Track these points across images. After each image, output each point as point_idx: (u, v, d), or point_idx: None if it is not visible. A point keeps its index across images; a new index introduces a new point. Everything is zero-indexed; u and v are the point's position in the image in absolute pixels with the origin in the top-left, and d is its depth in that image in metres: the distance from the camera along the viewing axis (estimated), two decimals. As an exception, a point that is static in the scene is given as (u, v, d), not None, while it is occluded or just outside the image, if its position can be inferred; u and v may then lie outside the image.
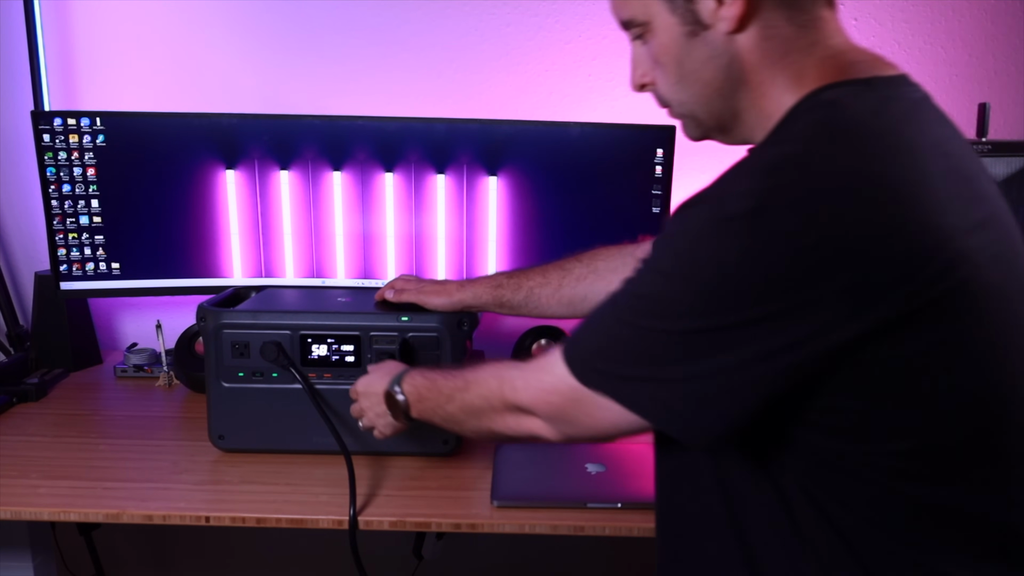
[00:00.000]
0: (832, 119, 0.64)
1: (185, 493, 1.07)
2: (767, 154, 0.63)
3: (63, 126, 1.38)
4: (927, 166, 0.62)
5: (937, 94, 1.50)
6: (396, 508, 1.04)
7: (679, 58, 0.72)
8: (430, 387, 0.92)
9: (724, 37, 0.69)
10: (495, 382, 0.81)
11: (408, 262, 1.49)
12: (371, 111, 1.48)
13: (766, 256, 0.58)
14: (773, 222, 0.58)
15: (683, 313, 0.63)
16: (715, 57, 0.71)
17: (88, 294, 1.49)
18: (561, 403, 0.74)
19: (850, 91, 0.66)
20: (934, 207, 0.60)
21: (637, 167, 1.40)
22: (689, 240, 0.63)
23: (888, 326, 0.59)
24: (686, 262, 0.63)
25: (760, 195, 0.59)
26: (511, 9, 1.57)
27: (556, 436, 0.77)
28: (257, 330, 1.14)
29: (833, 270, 0.57)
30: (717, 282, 0.61)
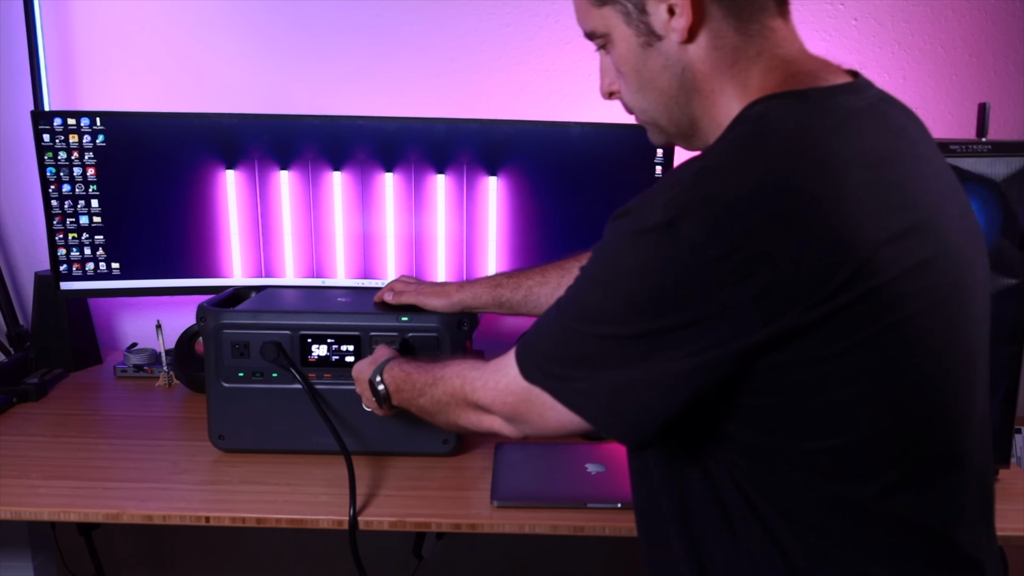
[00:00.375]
0: (754, 133, 0.67)
1: (185, 493, 1.07)
2: (690, 168, 0.66)
3: (63, 126, 1.38)
4: (843, 179, 0.63)
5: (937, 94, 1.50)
6: (396, 508, 1.04)
7: (637, 68, 0.75)
8: (405, 379, 0.95)
9: (677, 47, 0.72)
10: (458, 380, 0.85)
11: (408, 262, 1.49)
12: (371, 111, 1.48)
13: (679, 266, 0.62)
14: (684, 234, 0.61)
15: (612, 320, 0.67)
16: (669, 67, 0.73)
17: (88, 294, 1.49)
18: (515, 402, 0.77)
19: (781, 104, 0.68)
20: (846, 219, 0.61)
21: (637, 167, 1.40)
22: (614, 250, 0.68)
23: (799, 331, 0.61)
24: (611, 271, 0.68)
25: (674, 208, 0.62)
26: (511, 9, 1.57)
27: (513, 433, 0.81)
28: (257, 330, 1.14)
29: (741, 279, 0.60)
30: (639, 291, 0.65)
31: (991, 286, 1.09)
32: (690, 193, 0.63)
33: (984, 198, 1.09)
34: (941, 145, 1.08)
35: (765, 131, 0.66)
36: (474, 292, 1.15)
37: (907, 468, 0.67)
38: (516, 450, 1.18)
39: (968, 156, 1.08)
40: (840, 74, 0.73)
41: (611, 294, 0.67)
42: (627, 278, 0.66)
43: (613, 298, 0.67)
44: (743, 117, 0.70)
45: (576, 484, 1.09)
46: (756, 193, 0.61)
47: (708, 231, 0.61)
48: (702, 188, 0.63)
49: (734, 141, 0.68)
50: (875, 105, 0.71)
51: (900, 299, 0.62)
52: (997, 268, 1.09)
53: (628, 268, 0.66)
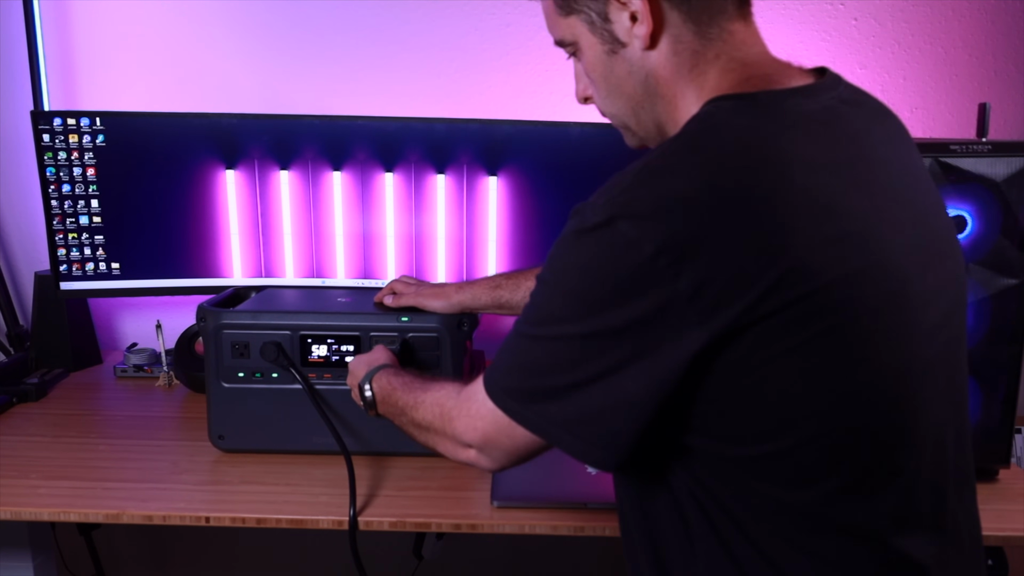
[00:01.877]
0: (697, 133, 0.68)
1: (185, 493, 1.07)
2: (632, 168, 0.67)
3: (63, 126, 1.38)
4: (780, 183, 0.63)
5: (937, 94, 1.50)
6: (396, 508, 1.04)
7: (604, 74, 0.77)
8: (391, 394, 0.94)
9: (640, 53, 0.73)
10: (436, 409, 0.84)
11: (408, 262, 1.49)
12: (371, 111, 1.48)
13: (616, 264, 0.63)
14: (620, 232, 0.62)
15: (560, 318, 0.68)
16: (633, 73, 0.75)
17: (88, 294, 1.49)
18: (485, 428, 0.76)
19: (726, 106, 0.69)
20: (779, 222, 0.62)
21: (637, 167, 1.40)
22: (560, 250, 0.69)
23: (734, 332, 0.62)
24: (558, 271, 0.69)
25: (611, 208, 0.64)
26: (511, 9, 1.57)
27: (488, 465, 0.79)
28: (257, 330, 1.14)
29: (674, 276, 0.61)
30: (581, 288, 0.66)
31: (990, 287, 1.10)
32: (628, 193, 0.64)
33: (984, 198, 1.09)
34: (941, 145, 1.08)
35: (707, 132, 0.68)
36: (473, 293, 1.15)
37: (845, 475, 0.67)
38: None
39: (968, 156, 1.08)
40: (800, 76, 0.74)
41: (557, 293, 0.68)
42: (570, 276, 0.67)
43: (559, 297, 0.68)
44: (693, 118, 0.71)
45: (576, 484, 1.09)
46: (690, 192, 0.62)
47: (642, 229, 0.62)
48: (639, 187, 0.64)
49: (676, 141, 0.69)
50: (830, 108, 0.71)
51: (832, 306, 0.63)
52: (997, 268, 1.09)
53: (571, 266, 0.67)
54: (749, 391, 0.65)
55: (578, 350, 0.67)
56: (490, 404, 0.74)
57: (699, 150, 0.66)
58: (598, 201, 0.66)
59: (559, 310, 0.68)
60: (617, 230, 0.63)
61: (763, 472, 0.67)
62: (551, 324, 0.69)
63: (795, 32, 1.54)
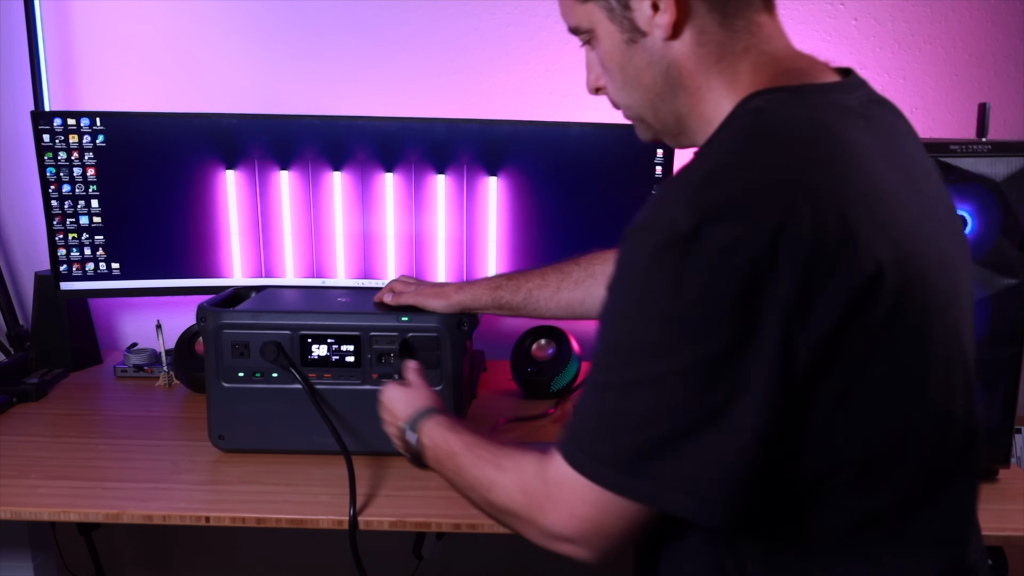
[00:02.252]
0: (757, 127, 0.65)
1: (185, 493, 1.07)
2: (697, 170, 0.63)
3: (63, 126, 1.38)
4: (858, 175, 0.62)
5: (937, 94, 1.50)
6: (396, 508, 1.04)
7: (621, 64, 0.74)
8: (451, 458, 0.83)
9: (661, 43, 0.70)
10: (520, 497, 0.72)
11: (408, 262, 1.49)
12: (371, 111, 1.48)
13: (711, 277, 0.57)
14: (710, 240, 0.57)
15: (652, 354, 0.60)
16: (653, 63, 0.72)
17: (88, 294, 1.49)
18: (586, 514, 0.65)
19: (777, 98, 0.67)
20: (866, 216, 0.60)
21: (637, 167, 1.40)
22: (637, 274, 0.61)
23: (834, 338, 0.59)
24: (638, 299, 0.61)
25: (694, 213, 0.58)
26: (511, 9, 1.57)
27: (592, 556, 0.67)
28: (257, 330, 1.14)
29: (775, 283, 0.57)
30: (673, 315, 0.59)
31: (990, 287, 1.10)
32: (708, 195, 0.59)
33: (984, 198, 1.09)
34: (941, 145, 1.08)
35: (770, 126, 0.64)
36: (473, 293, 1.14)
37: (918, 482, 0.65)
38: (516, 450, 1.18)
39: (968, 156, 1.08)
40: (830, 72, 0.72)
41: (644, 325, 0.60)
42: (657, 301, 0.59)
43: (648, 328, 0.60)
44: (739, 112, 0.68)
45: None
46: (778, 189, 0.58)
47: (735, 232, 0.57)
48: (720, 188, 0.59)
49: (738, 137, 0.65)
50: (865, 105, 0.70)
51: (915, 303, 0.61)
52: (997, 268, 1.09)
53: (656, 289, 0.59)
54: (842, 402, 0.61)
55: (681, 388, 0.59)
56: (585, 483, 0.63)
57: (769, 145, 0.62)
58: (672, 210, 0.59)
59: (650, 344, 0.60)
60: (707, 237, 0.57)
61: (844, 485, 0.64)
62: (643, 363, 0.60)
63: (795, 32, 1.52)
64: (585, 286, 1.10)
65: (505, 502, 0.74)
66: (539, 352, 1.46)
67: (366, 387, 1.15)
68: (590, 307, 1.10)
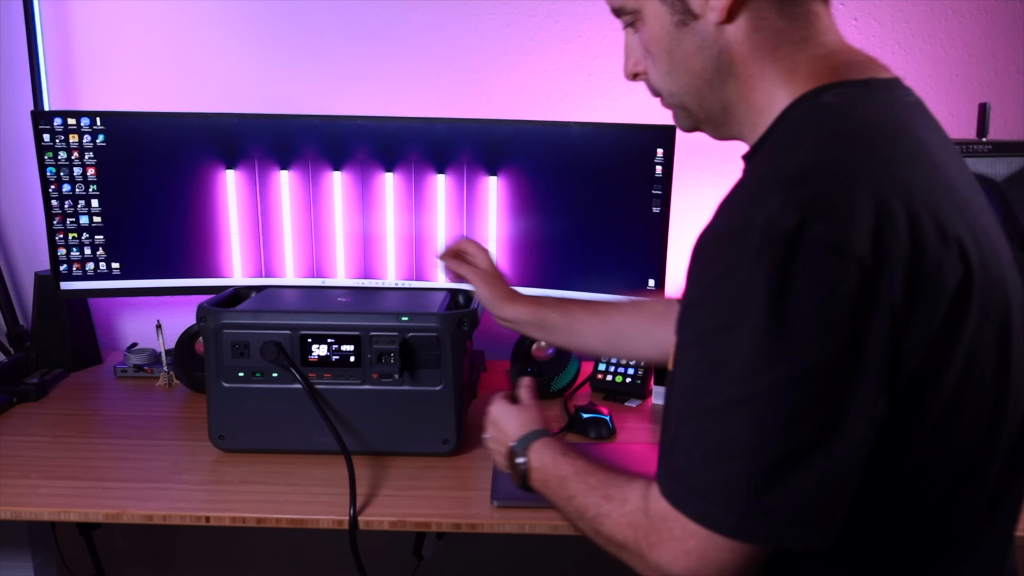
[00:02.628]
0: (839, 123, 0.62)
1: (185, 493, 1.07)
2: (783, 167, 0.59)
3: (63, 126, 1.38)
4: (938, 173, 0.60)
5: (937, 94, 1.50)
6: (396, 508, 1.04)
7: (669, 48, 0.71)
8: (560, 484, 0.79)
9: (714, 27, 0.68)
10: (629, 531, 0.67)
11: (408, 262, 1.49)
12: (371, 111, 1.48)
13: (819, 278, 0.53)
14: (816, 236, 0.53)
15: (757, 367, 0.55)
16: (704, 48, 0.69)
17: (88, 294, 1.49)
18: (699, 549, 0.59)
19: (850, 92, 0.65)
20: (949, 214, 0.58)
21: (637, 167, 1.40)
22: (732, 280, 0.56)
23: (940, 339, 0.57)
24: (738, 308, 0.56)
25: (793, 211, 0.54)
26: (511, 9, 1.57)
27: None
28: (257, 330, 1.14)
29: (885, 283, 0.54)
30: (779, 321, 0.54)
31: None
32: (805, 192, 0.56)
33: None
34: (941, 145, 1.08)
35: (851, 121, 0.62)
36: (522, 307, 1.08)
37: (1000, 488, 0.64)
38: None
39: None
40: (884, 69, 0.70)
41: (747, 336, 0.55)
42: (760, 305, 0.54)
43: (749, 337, 0.55)
44: (811, 106, 0.65)
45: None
46: (873, 187, 0.56)
47: (838, 230, 0.53)
48: (817, 185, 0.56)
49: (822, 133, 0.61)
50: (921, 103, 0.69)
51: (997, 304, 0.60)
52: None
53: (758, 292, 0.54)
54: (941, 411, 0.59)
55: (787, 404, 0.54)
56: (694, 528, 0.59)
57: (857, 141, 0.60)
58: (767, 209, 0.55)
59: (752, 357, 0.55)
60: (811, 235, 0.53)
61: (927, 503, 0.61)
62: (744, 379, 0.55)
63: (795, 32, 1.54)
64: (633, 320, 1.06)
65: (615, 534, 0.70)
66: (539, 352, 1.46)
67: (366, 387, 1.15)
68: (633, 341, 1.05)
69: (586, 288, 1.45)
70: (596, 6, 1.55)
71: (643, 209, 1.41)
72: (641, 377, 1.44)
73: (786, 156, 0.61)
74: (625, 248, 1.42)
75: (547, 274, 1.46)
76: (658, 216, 1.40)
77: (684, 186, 1.56)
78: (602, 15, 1.56)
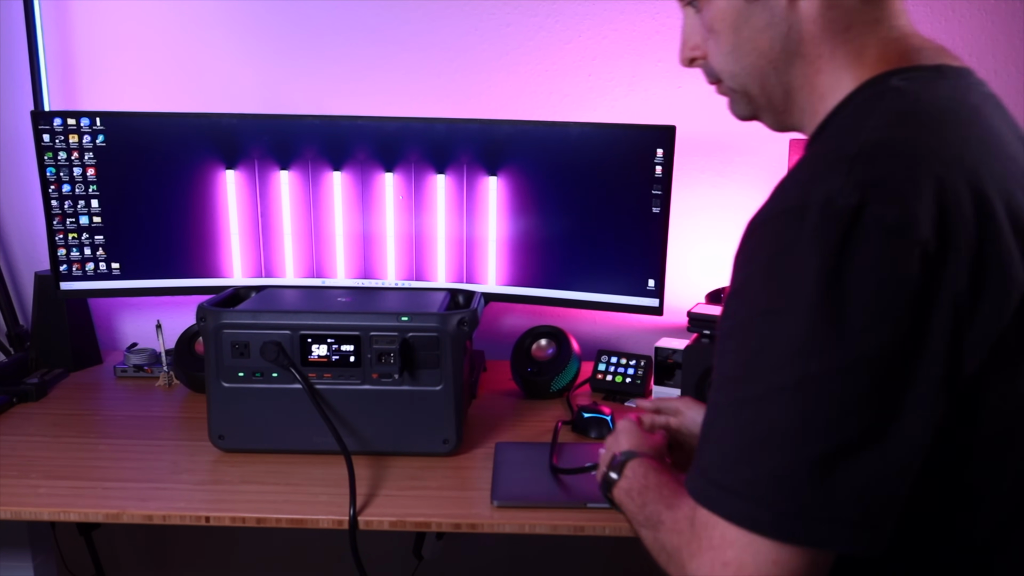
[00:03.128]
0: (907, 105, 0.60)
1: (185, 493, 1.07)
2: (844, 147, 0.56)
3: (63, 126, 1.38)
4: (1007, 162, 0.59)
5: (937, 94, 1.44)
6: (396, 508, 1.04)
7: (736, 24, 0.67)
8: (640, 491, 0.76)
9: (786, 4, 0.65)
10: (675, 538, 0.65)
11: (408, 262, 1.49)
12: (371, 111, 1.48)
13: (877, 255, 0.51)
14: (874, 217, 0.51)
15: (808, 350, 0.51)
16: (774, 24, 0.66)
17: (88, 294, 1.49)
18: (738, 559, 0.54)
19: (920, 76, 0.62)
20: (1013, 206, 0.56)
21: (637, 167, 1.40)
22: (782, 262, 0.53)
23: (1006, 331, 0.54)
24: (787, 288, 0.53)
25: (852, 191, 0.52)
26: (511, 9, 1.57)
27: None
28: (257, 330, 1.14)
29: (950, 271, 0.52)
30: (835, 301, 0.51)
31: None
32: (868, 172, 0.53)
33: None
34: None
35: (919, 104, 0.60)
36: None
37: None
38: (516, 450, 1.18)
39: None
40: (955, 58, 0.67)
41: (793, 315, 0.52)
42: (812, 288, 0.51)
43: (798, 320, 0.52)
44: (877, 91, 0.62)
45: (576, 484, 1.09)
46: (938, 170, 0.54)
47: (901, 211, 0.51)
48: (880, 165, 0.54)
49: (887, 114, 0.59)
50: (994, 95, 0.67)
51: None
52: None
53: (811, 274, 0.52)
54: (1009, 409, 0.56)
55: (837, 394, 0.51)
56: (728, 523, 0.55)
57: (924, 123, 0.57)
58: (826, 186, 0.53)
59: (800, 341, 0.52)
60: (871, 216, 0.51)
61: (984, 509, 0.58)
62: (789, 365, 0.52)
63: (795, 32, 1.54)
64: None
65: (666, 543, 0.66)
66: (539, 352, 1.46)
67: (366, 387, 1.15)
68: None
69: (586, 288, 1.45)
70: (596, 6, 1.55)
71: (643, 209, 1.41)
72: (641, 377, 1.44)
73: (848, 137, 0.58)
74: (625, 248, 1.42)
75: (547, 274, 1.46)
76: (658, 216, 1.40)
77: (684, 186, 1.56)
78: (602, 15, 1.56)
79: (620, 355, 1.48)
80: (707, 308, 1.37)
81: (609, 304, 1.45)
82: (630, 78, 1.58)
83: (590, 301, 1.46)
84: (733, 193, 1.58)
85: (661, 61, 1.57)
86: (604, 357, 1.48)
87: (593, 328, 1.67)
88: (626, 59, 1.58)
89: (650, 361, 1.45)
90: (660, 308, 1.43)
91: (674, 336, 1.44)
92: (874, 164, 0.54)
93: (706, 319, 1.31)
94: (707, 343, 1.29)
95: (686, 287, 1.60)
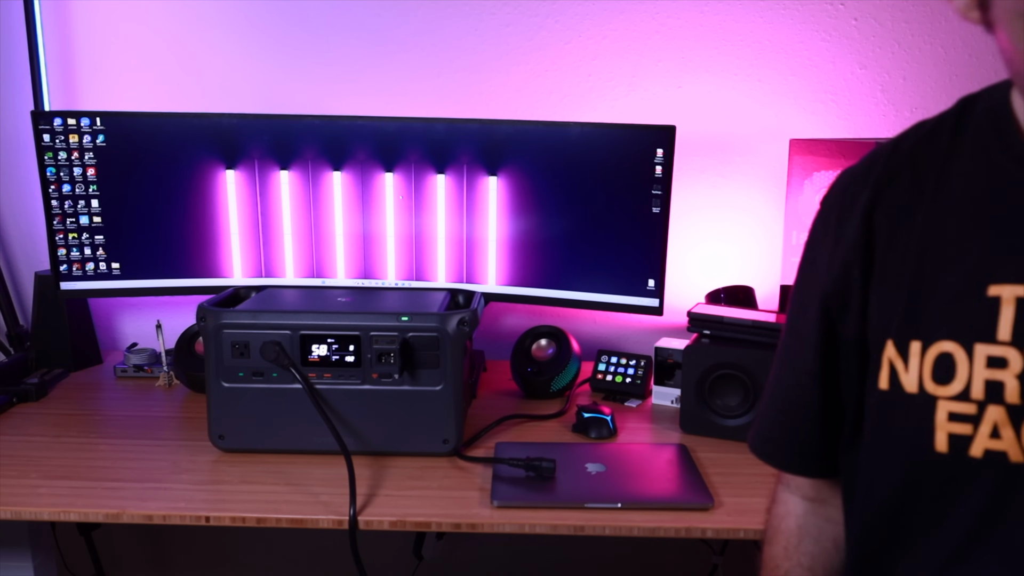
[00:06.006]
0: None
1: (185, 493, 1.07)
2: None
3: (63, 126, 1.38)
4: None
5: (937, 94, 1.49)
6: (396, 508, 1.04)
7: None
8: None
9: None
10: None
11: (408, 262, 1.49)
12: (371, 111, 1.48)
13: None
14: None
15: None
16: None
17: (88, 294, 1.49)
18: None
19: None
20: None
21: (637, 167, 1.40)
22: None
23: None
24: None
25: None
26: (511, 9, 1.57)
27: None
28: (257, 330, 1.14)
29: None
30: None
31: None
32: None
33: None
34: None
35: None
36: None
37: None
38: (516, 450, 1.18)
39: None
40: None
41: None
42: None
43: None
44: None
45: (576, 484, 1.09)
46: None
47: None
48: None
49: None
50: None
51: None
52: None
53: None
54: None
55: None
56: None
57: None
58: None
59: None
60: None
61: None
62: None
63: (795, 32, 1.54)
64: None
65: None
66: (539, 352, 1.46)
67: (366, 387, 1.15)
68: None
69: (586, 288, 1.45)
70: (597, 6, 1.56)
71: (643, 209, 1.41)
72: (641, 377, 1.44)
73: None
74: (625, 248, 1.42)
75: (547, 274, 1.46)
76: (658, 216, 1.40)
77: (684, 186, 1.56)
78: (602, 15, 1.56)
79: (620, 355, 1.48)
80: (707, 308, 1.37)
81: (609, 304, 1.45)
82: (630, 78, 1.58)
83: (590, 301, 1.46)
84: (733, 193, 1.59)
85: (661, 61, 1.57)
86: (604, 357, 1.48)
87: (593, 328, 1.67)
88: (626, 59, 1.58)
89: (650, 361, 1.45)
90: (660, 308, 1.43)
91: (674, 336, 1.44)
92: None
93: (706, 319, 1.31)
94: (707, 343, 1.29)
95: (686, 287, 1.60)
